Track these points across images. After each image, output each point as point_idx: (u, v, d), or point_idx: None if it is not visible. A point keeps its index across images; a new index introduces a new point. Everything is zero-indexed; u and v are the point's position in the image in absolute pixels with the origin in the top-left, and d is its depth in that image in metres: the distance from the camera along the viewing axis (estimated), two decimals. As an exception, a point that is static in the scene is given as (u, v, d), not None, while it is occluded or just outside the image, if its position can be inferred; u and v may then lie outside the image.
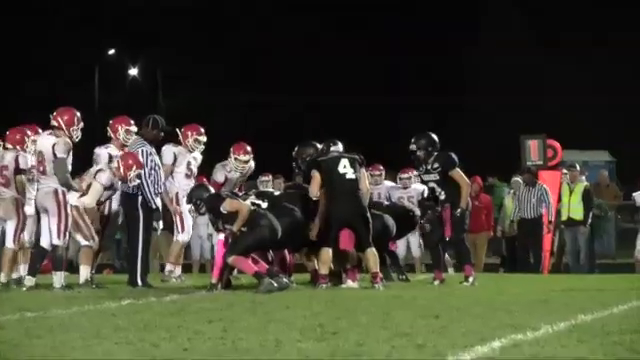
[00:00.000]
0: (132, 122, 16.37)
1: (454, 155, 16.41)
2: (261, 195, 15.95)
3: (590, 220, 22.03)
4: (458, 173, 16.13)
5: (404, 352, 7.65)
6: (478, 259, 22.11)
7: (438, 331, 9.04)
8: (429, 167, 16.39)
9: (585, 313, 10.77)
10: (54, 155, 14.53)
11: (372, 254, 15.32)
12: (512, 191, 23.38)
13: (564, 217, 22.60)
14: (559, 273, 22.52)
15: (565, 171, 22.96)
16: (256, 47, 65.37)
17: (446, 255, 18.49)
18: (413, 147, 16.60)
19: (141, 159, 15.69)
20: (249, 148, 18.06)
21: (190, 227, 17.29)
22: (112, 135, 16.23)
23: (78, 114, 15.34)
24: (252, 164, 18.26)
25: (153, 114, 17.17)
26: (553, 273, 22.12)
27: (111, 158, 15.66)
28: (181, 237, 17.37)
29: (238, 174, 17.79)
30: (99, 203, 15.39)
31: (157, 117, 16.74)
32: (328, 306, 11.89)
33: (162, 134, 16.52)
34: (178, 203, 17.07)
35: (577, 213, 21.99)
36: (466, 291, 15.46)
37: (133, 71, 63.74)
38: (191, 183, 17.19)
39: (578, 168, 23.14)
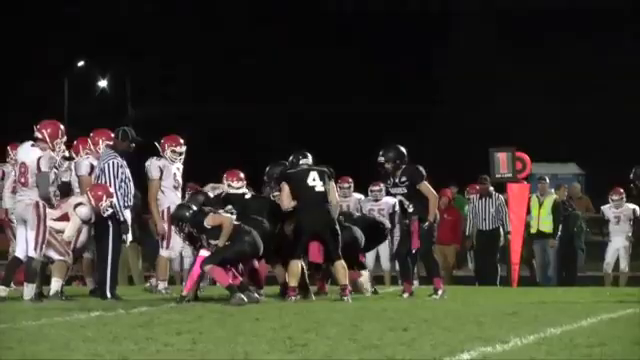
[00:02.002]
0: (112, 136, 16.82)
1: (422, 168, 16.58)
2: (233, 199, 16.46)
3: (560, 233, 22.24)
4: (426, 186, 16.32)
5: (373, 364, 7.61)
6: (447, 271, 22.38)
7: (407, 343, 9.11)
8: (397, 180, 16.54)
9: (554, 326, 10.94)
10: (38, 169, 14.74)
11: (341, 266, 15.57)
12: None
13: (533, 230, 22.86)
14: (533, 285, 22.74)
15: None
16: (226, 56, 65.56)
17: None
18: (381, 160, 16.69)
19: (112, 170, 15.96)
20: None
21: (176, 243, 17.35)
22: (92, 147, 16.67)
23: (62, 127, 15.57)
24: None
25: (123, 126, 17.36)
26: (526, 285, 22.28)
27: (92, 168, 16.26)
28: (165, 253, 17.70)
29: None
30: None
31: (127, 129, 16.98)
32: (297, 318, 12.06)
33: (133, 145, 16.48)
34: (168, 217, 17.27)
35: (546, 226, 22.27)
36: (435, 304, 15.72)
37: (102, 82, 64.13)
38: (179, 194, 17.72)
39: (547, 181, 23.48)
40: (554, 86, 60.30)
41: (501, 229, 22.80)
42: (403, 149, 16.62)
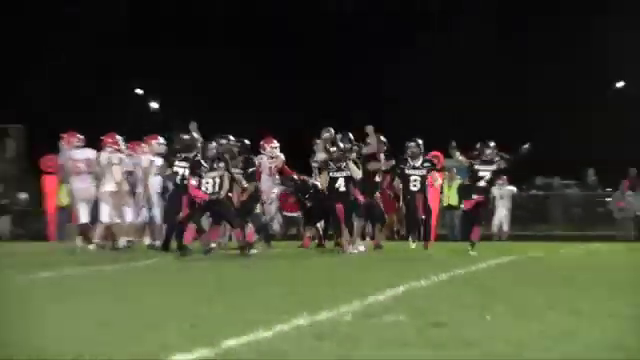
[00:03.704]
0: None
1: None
2: None
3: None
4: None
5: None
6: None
7: (366, 278, 13.60)
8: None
9: (459, 268, 14.93)
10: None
11: None
12: None
13: (445, 204, 28.15)
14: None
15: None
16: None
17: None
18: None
19: None
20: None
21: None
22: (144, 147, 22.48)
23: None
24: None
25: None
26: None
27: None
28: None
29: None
30: None
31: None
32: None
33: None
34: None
35: (454, 201, 27.91)
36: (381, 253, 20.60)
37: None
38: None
39: (455, 171, 28.97)
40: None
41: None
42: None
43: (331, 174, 19.97)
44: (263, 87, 58.93)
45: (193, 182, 18.78)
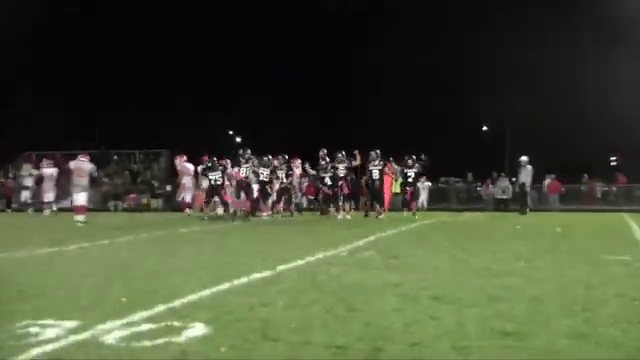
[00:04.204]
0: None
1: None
2: None
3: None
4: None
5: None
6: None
7: (351, 232, 14.30)
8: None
9: (403, 226, 16.06)
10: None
11: None
12: None
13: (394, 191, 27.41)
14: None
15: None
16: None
17: None
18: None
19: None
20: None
21: None
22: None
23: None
24: None
25: None
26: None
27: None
28: None
29: None
30: None
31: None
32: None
33: None
34: None
35: (397, 189, 25.54)
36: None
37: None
38: None
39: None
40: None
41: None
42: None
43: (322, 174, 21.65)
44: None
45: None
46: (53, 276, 7.67)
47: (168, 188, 33.39)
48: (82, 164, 18.89)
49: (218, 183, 19.93)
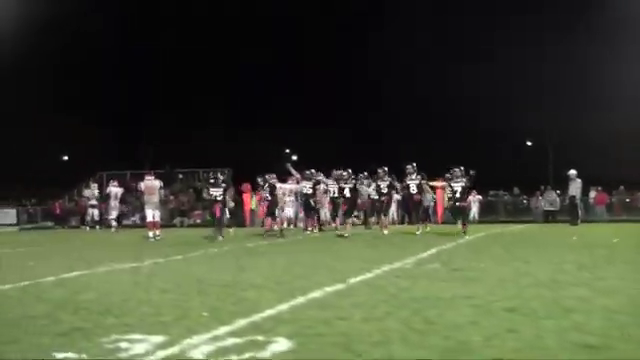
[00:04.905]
0: None
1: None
2: None
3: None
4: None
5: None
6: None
7: (413, 245, 13.93)
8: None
9: (460, 239, 15.75)
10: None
11: None
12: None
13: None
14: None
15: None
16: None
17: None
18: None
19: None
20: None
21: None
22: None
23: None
24: None
25: None
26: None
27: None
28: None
29: None
30: None
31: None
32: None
33: None
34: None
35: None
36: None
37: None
38: None
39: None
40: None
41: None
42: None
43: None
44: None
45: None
46: (134, 292, 7.61)
47: (231, 204, 33.53)
48: (152, 182, 19.05)
49: (219, 199, 18.92)
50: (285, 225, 20.62)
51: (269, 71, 57.37)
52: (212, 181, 19.39)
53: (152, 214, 19.15)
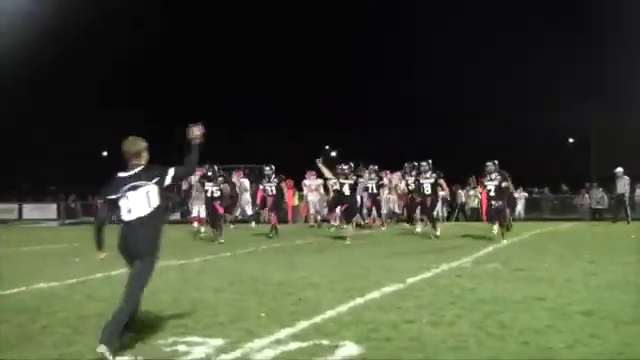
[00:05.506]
0: None
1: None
2: None
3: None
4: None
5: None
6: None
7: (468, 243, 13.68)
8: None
9: (515, 237, 15.11)
10: None
11: None
12: None
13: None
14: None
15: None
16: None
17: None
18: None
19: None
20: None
21: None
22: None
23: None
24: None
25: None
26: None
27: None
28: None
29: None
30: None
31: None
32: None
33: None
34: None
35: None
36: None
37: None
38: None
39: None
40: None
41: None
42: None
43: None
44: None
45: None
46: (185, 290, 7.41)
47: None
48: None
49: (215, 195, 16.87)
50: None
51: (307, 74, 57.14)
52: (209, 174, 17.22)
53: (199, 210, 19.05)
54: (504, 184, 14.74)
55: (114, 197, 5.16)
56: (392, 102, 54.63)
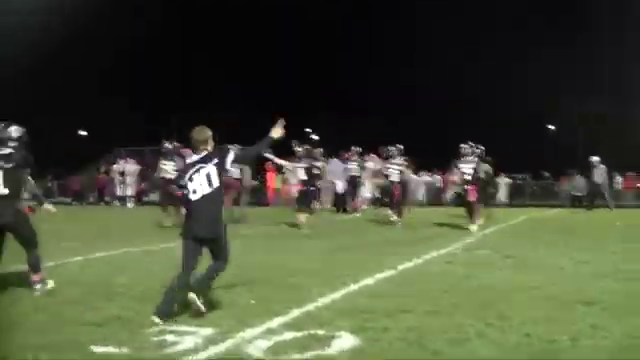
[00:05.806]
0: None
1: None
2: None
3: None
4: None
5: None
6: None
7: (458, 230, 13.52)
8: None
9: (501, 223, 15.11)
10: None
11: None
12: None
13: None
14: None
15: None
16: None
17: None
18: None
19: None
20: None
21: None
22: None
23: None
24: None
25: None
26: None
27: None
28: None
29: None
30: None
31: None
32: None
33: None
34: None
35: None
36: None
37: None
38: None
39: None
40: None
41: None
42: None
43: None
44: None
45: None
46: (168, 276, 7.17)
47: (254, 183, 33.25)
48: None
49: (168, 177, 14.98)
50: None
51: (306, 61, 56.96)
52: (164, 150, 15.73)
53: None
54: (482, 175, 14.15)
55: (184, 181, 5.62)
56: (392, 90, 55.14)
